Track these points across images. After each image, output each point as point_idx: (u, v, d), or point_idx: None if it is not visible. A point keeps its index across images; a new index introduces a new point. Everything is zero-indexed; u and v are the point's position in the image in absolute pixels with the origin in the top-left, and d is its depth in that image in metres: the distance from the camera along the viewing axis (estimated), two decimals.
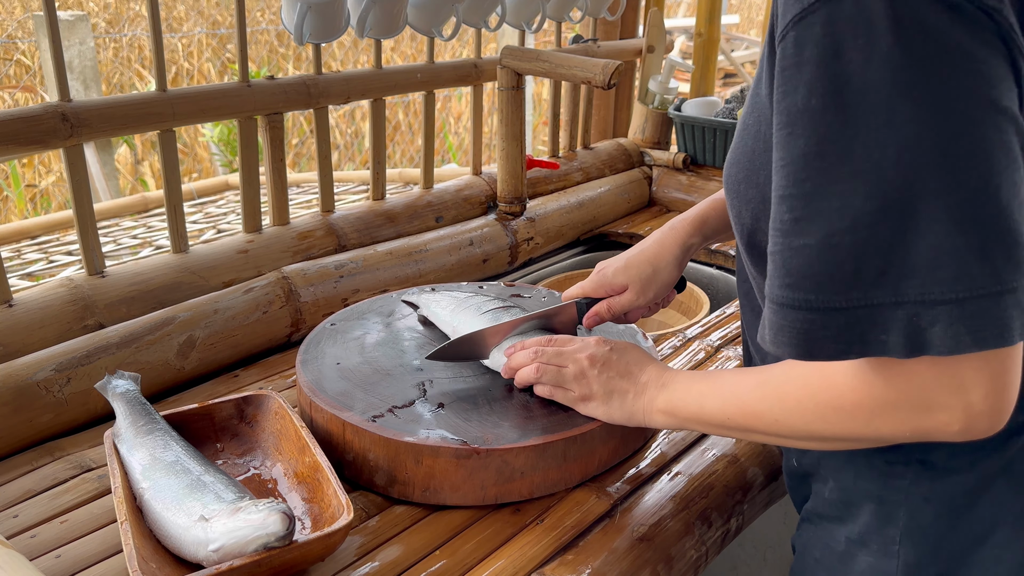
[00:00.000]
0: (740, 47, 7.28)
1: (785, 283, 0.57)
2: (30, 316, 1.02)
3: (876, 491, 0.70)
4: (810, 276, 0.55)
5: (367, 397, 0.91)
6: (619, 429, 0.90)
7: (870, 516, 0.71)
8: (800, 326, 0.56)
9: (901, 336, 0.54)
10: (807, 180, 0.55)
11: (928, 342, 0.54)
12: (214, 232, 2.24)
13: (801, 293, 0.56)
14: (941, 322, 0.53)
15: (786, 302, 0.57)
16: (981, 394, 0.56)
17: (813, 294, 0.55)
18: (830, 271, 0.55)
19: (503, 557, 0.79)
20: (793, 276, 0.56)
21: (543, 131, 5.01)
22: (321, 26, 1.23)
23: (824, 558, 0.76)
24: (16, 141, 0.99)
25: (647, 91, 1.90)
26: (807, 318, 0.56)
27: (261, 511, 0.70)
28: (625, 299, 0.97)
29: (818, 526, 0.77)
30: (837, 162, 0.53)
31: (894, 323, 0.54)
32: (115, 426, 0.88)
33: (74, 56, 3.85)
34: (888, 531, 0.70)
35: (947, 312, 0.53)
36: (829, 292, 0.55)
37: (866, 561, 0.71)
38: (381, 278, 1.31)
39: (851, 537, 0.73)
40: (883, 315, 0.54)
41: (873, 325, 0.55)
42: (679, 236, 0.96)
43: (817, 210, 0.55)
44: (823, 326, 0.56)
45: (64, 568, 0.78)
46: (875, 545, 0.71)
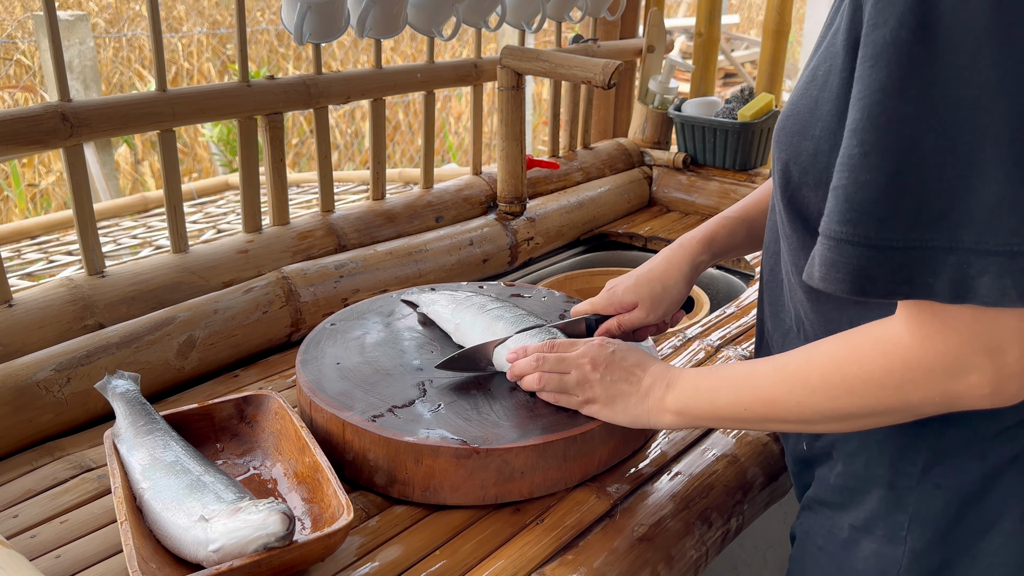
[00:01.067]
0: (740, 47, 7.28)
1: (846, 218, 0.57)
2: (30, 316, 1.02)
3: (887, 476, 0.70)
4: (872, 212, 0.56)
5: (367, 397, 0.91)
6: (619, 429, 0.90)
7: (878, 502, 0.71)
8: (856, 262, 0.57)
9: (948, 282, 0.55)
10: (882, 114, 0.55)
11: (974, 291, 0.54)
12: (214, 232, 2.24)
13: (861, 228, 0.56)
14: (991, 273, 0.53)
15: (844, 237, 0.57)
16: (1016, 355, 0.56)
17: (874, 230, 0.56)
18: (893, 208, 0.55)
19: (503, 557, 0.79)
20: (855, 211, 0.56)
21: (543, 131, 5.01)
22: (321, 26, 1.23)
23: (827, 545, 0.76)
24: (16, 141, 0.99)
25: (647, 91, 1.90)
26: (864, 254, 0.56)
27: (261, 511, 0.70)
28: (635, 316, 0.97)
29: (819, 513, 0.77)
30: (915, 98, 0.54)
31: (944, 268, 0.55)
32: (115, 426, 0.88)
33: (74, 56, 3.85)
34: (896, 517, 0.70)
35: (998, 264, 0.53)
36: (889, 229, 0.55)
37: (870, 548, 0.71)
38: (381, 278, 1.31)
39: (855, 524, 0.73)
40: (935, 258, 0.55)
41: (924, 267, 0.55)
42: (688, 254, 0.97)
43: (888, 145, 0.55)
44: (879, 263, 0.56)
45: (64, 568, 0.78)
46: (880, 531, 0.71)
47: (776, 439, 0.99)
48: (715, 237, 0.97)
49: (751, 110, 1.75)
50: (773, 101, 1.77)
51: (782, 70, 1.89)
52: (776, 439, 0.99)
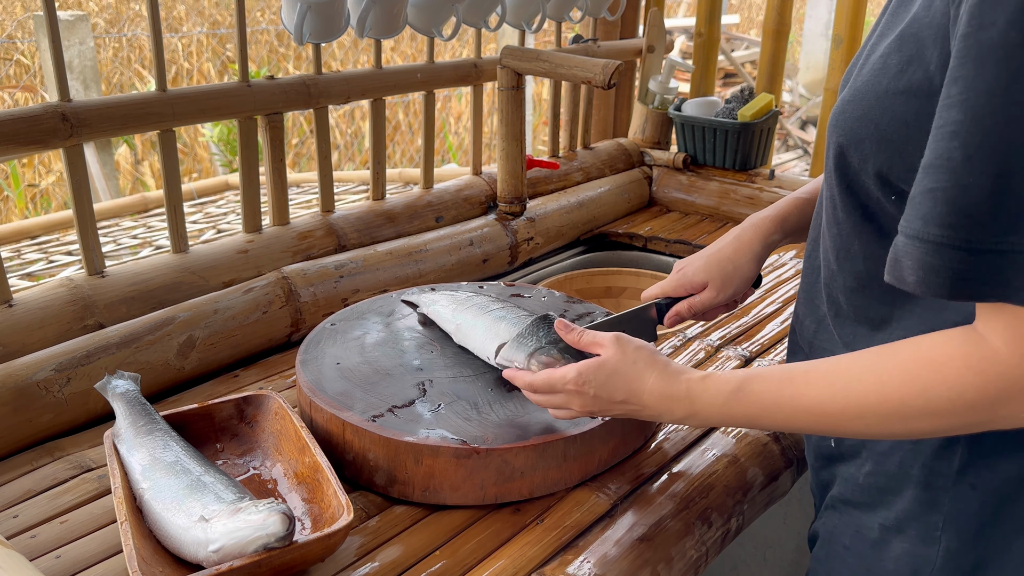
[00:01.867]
0: (740, 47, 7.28)
1: (947, 222, 0.56)
2: (30, 316, 1.02)
3: (922, 476, 0.70)
4: (975, 216, 0.55)
5: (367, 397, 0.91)
6: (619, 429, 0.90)
7: (911, 502, 0.70)
8: (957, 266, 0.56)
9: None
10: (989, 116, 0.54)
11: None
12: (214, 232, 2.24)
13: (963, 232, 0.56)
14: None
15: (946, 241, 0.56)
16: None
17: (976, 234, 0.55)
18: (996, 212, 0.54)
19: (503, 557, 0.79)
20: (957, 215, 0.56)
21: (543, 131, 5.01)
22: (321, 26, 1.23)
23: (854, 545, 0.75)
24: (16, 141, 0.99)
25: (647, 91, 1.90)
26: (966, 259, 0.56)
27: (261, 511, 0.70)
28: (705, 297, 0.96)
29: (846, 513, 0.77)
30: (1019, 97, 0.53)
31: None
32: (115, 426, 0.88)
33: (74, 56, 3.85)
34: (931, 517, 0.69)
35: None
36: (992, 233, 0.55)
37: (902, 547, 0.71)
38: (381, 278, 1.31)
39: (886, 523, 0.72)
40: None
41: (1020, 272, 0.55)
42: (760, 232, 0.95)
43: (994, 148, 0.54)
44: (980, 268, 0.56)
45: (64, 568, 0.78)
46: (914, 531, 0.70)
47: (776, 439, 0.99)
48: (788, 216, 0.95)
49: (751, 110, 1.75)
50: (773, 101, 1.77)
51: (782, 70, 1.89)
52: (776, 439, 0.99)
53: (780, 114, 1.83)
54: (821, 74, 6.67)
